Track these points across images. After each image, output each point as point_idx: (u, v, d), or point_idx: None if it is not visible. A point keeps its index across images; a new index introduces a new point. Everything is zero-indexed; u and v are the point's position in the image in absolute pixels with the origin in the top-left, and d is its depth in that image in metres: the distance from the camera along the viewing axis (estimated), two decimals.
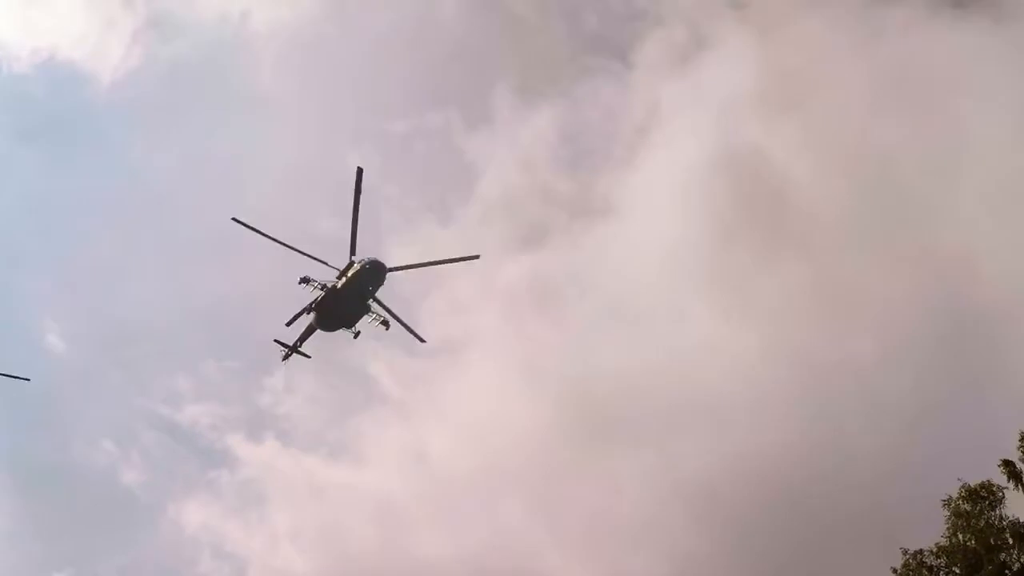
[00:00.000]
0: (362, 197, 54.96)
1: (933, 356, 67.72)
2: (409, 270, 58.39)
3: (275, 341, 60.64)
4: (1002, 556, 33.79)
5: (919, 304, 69.89)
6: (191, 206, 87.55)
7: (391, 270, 57.00)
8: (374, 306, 57.37)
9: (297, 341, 60.01)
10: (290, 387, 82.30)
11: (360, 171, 55.36)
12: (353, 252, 56.20)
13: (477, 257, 59.89)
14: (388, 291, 56.32)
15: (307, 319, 58.65)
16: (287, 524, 78.68)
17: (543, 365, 76.96)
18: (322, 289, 56.98)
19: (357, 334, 58.59)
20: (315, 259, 55.99)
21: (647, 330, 74.32)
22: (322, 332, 59.24)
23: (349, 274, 56.72)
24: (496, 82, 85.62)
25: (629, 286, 76.39)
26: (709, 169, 75.25)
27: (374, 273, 56.91)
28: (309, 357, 60.98)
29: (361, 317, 58.11)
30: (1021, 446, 34.32)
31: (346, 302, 57.22)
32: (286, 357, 61.14)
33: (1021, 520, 33.91)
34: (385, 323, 58.26)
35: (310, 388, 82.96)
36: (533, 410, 75.01)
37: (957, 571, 34.10)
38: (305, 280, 56.51)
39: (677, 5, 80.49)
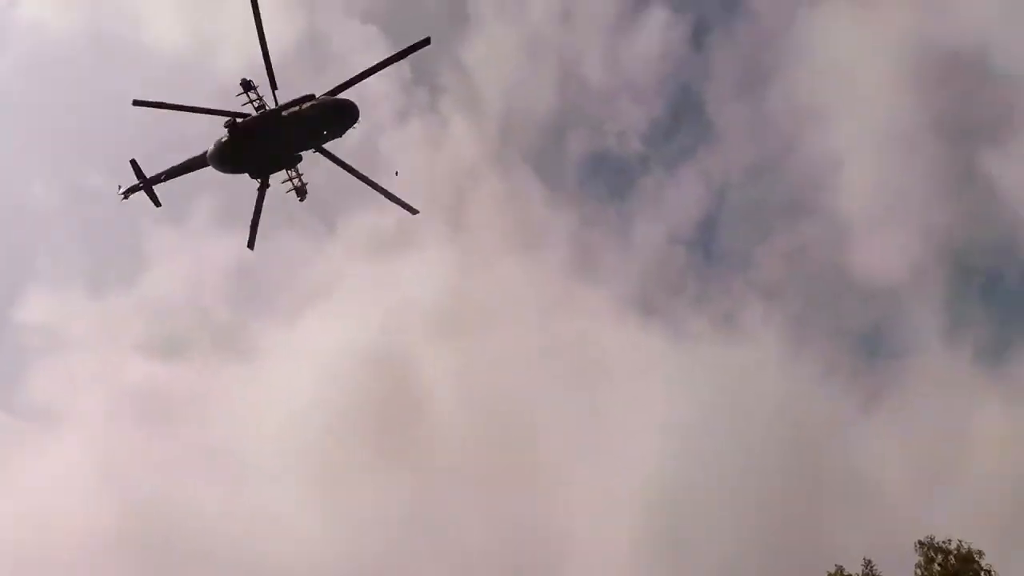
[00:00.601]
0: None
1: None
2: (362, 80, 46.13)
3: (131, 163, 48.73)
4: None
5: (506, 563, 70.21)
6: None
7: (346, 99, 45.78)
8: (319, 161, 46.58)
9: (163, 173, 48.40)
10: None
11: None
12: (274, 85, 45.63)
13: (428, 42, 46.90)
14: None
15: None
16: None
17: (127, 473, 73.85)
18: (258, 109, 45.89)
19: (265, 187, 47.50)
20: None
21: (236, 480, 72.49)
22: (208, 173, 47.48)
23: (304, 105, 46.06)
24: (203, 193, 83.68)
25: (239, 432, 74.65)
26: (360, 360, 74.86)
27: (342, 113, 46.12)
28: (159, 205, 49.40)
29: (285, 167, 47.26)
30: None
31: (284, 135, 46.14)
32: (131, 191, 49.11)
33: None
34: (301, 192, 47.35)
35: None
36: (99, 515, 71.78)
37: None
38: (248, 86, 45.22)
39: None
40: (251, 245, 50.10)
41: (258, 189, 48.71)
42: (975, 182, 76.46)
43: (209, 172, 49.19)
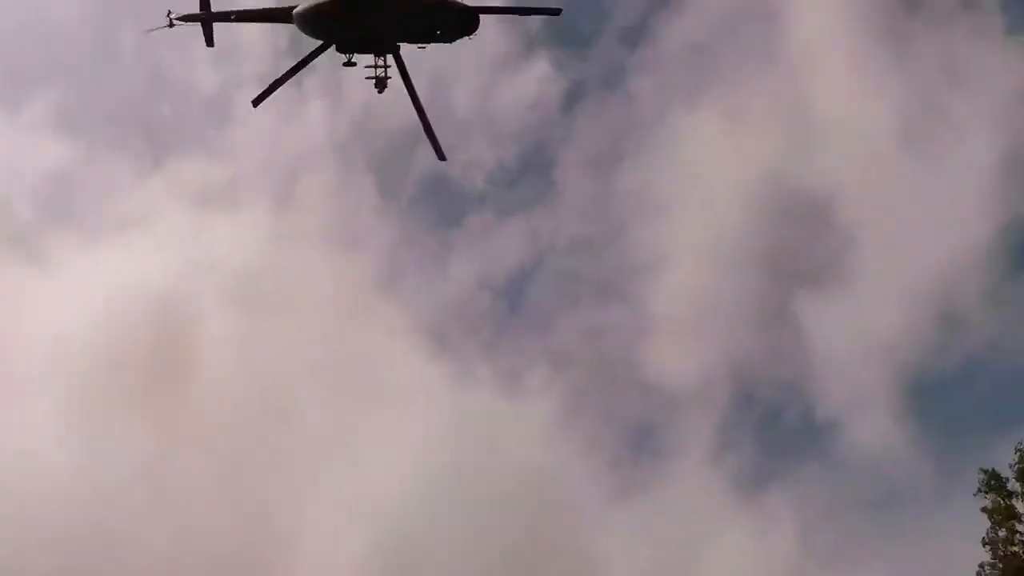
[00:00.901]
0: None
1: None
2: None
3: None
4: None
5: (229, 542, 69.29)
6: None
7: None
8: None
9: (233, 13, 44.20)
10: None
11: None
12: None
13: (559, 12, 45.67)
14: None
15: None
16: None
17: None
18: None
19: (351, 63, 44.37)
20: None
21: None
22: (290, 31, 44.18)
23: None
24: (50, 89, 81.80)
25: (3, 336, 72.64)
26: (148, 301, 73.36)
27: (462, 20, 43.60)
28: (211, 45, 44.68)
29: (375, 52, 44.21)
30: None
31: (393, 20, 43.24)
32: (185, 19, 44.34)
33: None
34: (382, 83, 44.37)
35: None
36: None
37: None
38: None
39: None
40: (257, 102, 47.22)
41: (318, 49, 45.83)
42: (783, 320, 78.41)
43: None
